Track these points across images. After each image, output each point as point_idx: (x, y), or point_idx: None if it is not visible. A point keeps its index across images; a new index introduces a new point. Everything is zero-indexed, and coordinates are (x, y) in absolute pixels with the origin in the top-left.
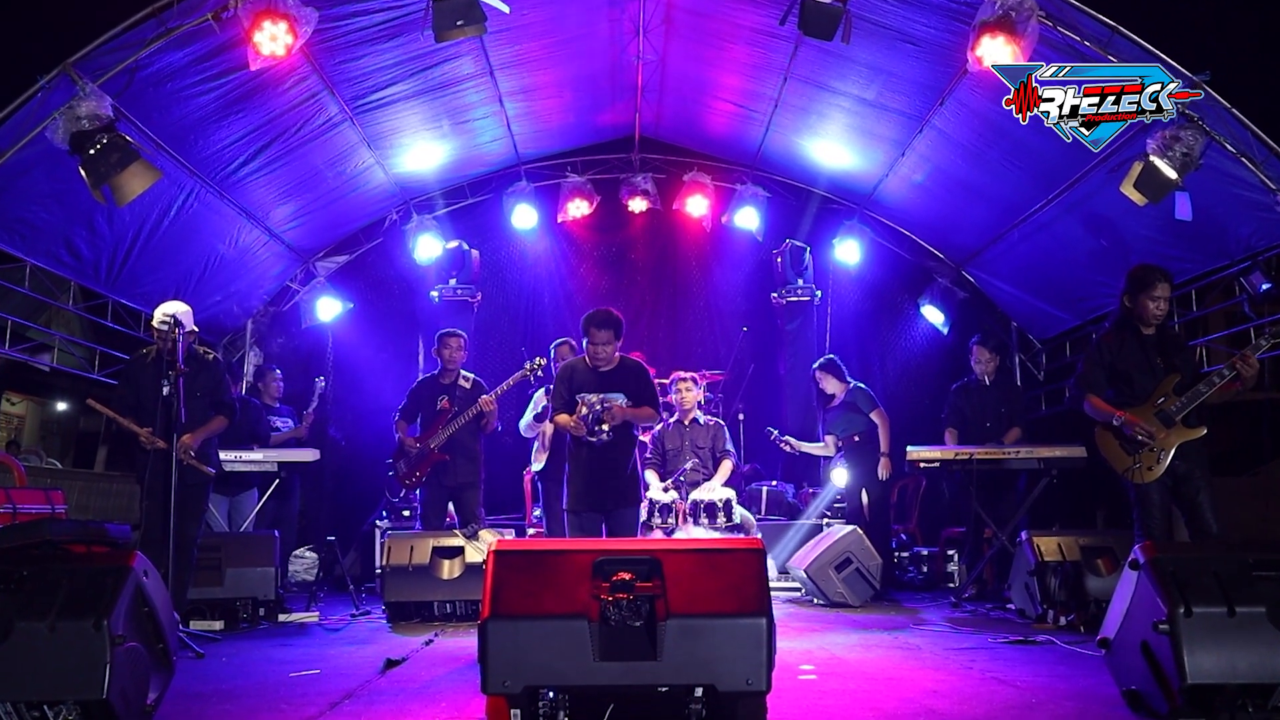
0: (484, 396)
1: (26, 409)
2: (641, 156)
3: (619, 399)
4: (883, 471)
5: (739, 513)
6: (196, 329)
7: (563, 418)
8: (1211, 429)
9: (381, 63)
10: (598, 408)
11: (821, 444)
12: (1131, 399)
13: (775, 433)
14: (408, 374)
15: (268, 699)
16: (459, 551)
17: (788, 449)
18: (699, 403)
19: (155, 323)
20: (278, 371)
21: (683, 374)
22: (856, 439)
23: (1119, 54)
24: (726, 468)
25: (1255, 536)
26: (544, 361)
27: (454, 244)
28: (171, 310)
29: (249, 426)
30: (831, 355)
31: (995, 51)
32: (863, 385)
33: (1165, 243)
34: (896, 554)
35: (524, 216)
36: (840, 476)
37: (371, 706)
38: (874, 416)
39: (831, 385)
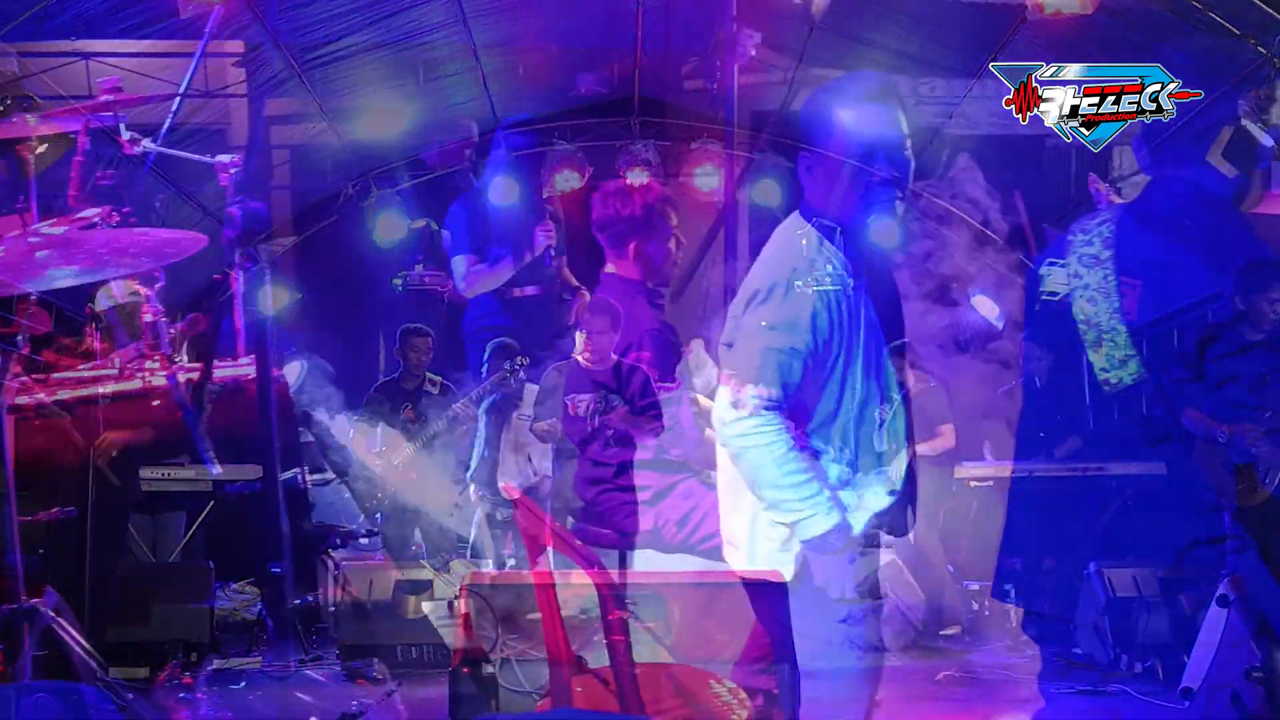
0: (455, 405)
1: None
2: (642, 120)
3: (617, 403)
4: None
5: None
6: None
7: (544, 424)
8: None
9: (335, 9)
10: (594, 405)
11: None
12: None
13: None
14: (366, 377)
15: None
16: (427, 586)
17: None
18: None
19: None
20: None
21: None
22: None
23: None
24: None
25: None
26: (526, 361)
27: (420, 223)
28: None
29: (175, 437)
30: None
31: None
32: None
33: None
34: None
35: (503, 191)
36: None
37: None
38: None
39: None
